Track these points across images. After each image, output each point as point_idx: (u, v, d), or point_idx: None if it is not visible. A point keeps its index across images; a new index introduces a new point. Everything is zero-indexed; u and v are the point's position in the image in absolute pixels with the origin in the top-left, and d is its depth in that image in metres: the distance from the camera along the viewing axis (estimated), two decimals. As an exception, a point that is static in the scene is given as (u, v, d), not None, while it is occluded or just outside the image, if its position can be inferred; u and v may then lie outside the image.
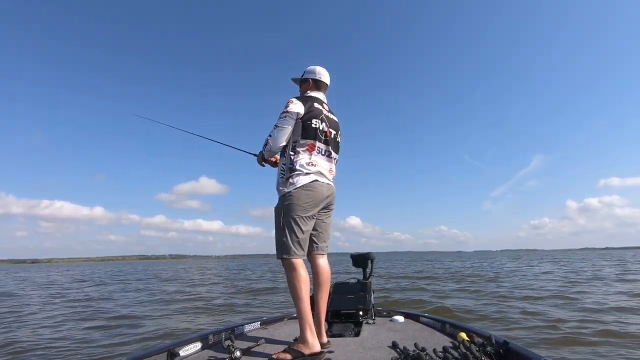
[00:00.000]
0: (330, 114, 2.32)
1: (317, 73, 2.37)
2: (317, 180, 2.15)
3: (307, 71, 2.40)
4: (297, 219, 2.09)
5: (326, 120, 2.24)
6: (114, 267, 56.72)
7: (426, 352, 1.79)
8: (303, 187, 2.10)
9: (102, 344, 4.68)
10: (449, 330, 2.38)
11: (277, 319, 3.04)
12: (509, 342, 1.79)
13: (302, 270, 2.07)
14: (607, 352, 3.76)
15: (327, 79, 2.39)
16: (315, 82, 2.36)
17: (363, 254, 3.18)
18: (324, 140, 2.21)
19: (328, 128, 2.24)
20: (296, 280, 2.03)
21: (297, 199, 2.08)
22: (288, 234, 2.08)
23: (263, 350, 2.14)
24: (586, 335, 4.39)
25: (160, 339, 4.89)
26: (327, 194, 2.21)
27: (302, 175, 2.11)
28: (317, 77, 2.36)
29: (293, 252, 2.06)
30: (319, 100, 2.29)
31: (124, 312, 7.15)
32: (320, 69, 2.38)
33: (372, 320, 2.81)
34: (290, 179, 2.11)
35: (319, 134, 2.18)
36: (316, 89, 2.36)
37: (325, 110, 2.27)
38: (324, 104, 2.32)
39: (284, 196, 2.12)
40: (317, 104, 2.23)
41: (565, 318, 5.33)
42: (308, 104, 2.19)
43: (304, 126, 2.15)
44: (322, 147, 2.21)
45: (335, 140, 2.30)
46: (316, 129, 2.17)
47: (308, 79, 2.37)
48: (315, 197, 2.13)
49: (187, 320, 6.29)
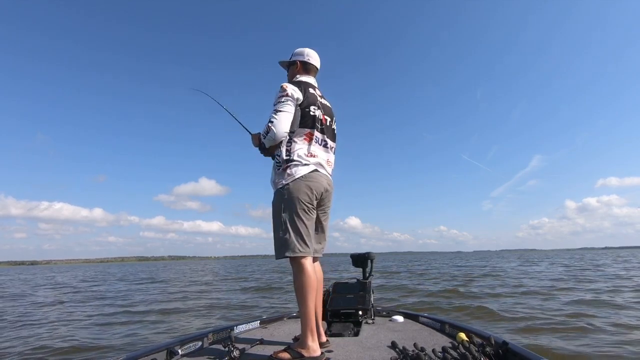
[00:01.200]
0: (324, 100, 2.18)
1: (306, 55, 2.21)
2: (317, 170, 2.02)
3: (295, 53, 2.25)
4: (300, 213, 1.93)
5: (321, 107, 2.10)
6: (114, 268, 56.65)
7: (425, 352, 1.79)
8: (302, 177, 1.95)
9: (102, 343, 4.68)
10: (448, 330, 2.38)
11: (276, 318, 3.04)
12: (508, 342, 1.78)
13: (312, 272, 1.93)
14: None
15: (316, 61, 2.24)
16: (304, 65, 2.21)
17: (363, 254, 3.19)
18: (320, 129, 2.08)
19: (323, 115, 2.10)
20: (305, 284, 1.89)
21: (296, 191, 1.93)
22: (291, 230, 1.92)
23: (262, 349, 2.14)
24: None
25: (159, 337, 4.89)
26: (326, 186, 2.07)
27: (300, 166, 1.97)
28: (305, 59, 2.21)
29: (298, 250, 1.90)
30: (312, 85, 2.15)
31: (123, 312, 7.15)
32: (309, 51, 2.22)
33: (372, 320, 2.80)
34: (288, 170, 1.96)
35: (317, 122, 2.05)
36: (305, 72, 2.21)
37: (319, 96, 2.13)
38: (317, 89, 2.18)
39: (282, 189, 1.96)
40: (312, 89, 2.10)
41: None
42: (303, 89, 2.04)
43: (302, 114, 2.01)
44: (319, 136, 2.07)
45: (331, 128, 2.17)
46: (314, 116, 2.04)
47: (296, 62, 2.21)
48: (316, 188, 1.99)
49: (186, 319, 6.28)
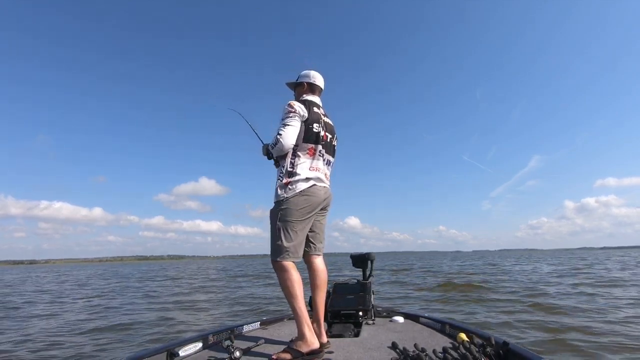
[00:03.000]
0: (327, 118, 2.35)
1: (312, 77, 2.40)
2: (316, 184, 2.18)
3: (301, 75, 2.43)
4: (294, 224, 2.11)
5: (323, 125, 2.26)
6: (114, 268, 56.73)
7: (426, 353, 1.79)
8: (301, 192, 2.12)
9: (99, 344, 4.68)
10: (449, 331, 2.38)
11: (276, 319, 3.04)
12: (509, 342, 1.78)
13: (294, 271, 2.09)
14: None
15: (321, 82, 2.43)
16: (310, 86, 2.39)
17: (363, 254, 3.18)
18: (322, 145, 2.24)
19: (325, 132, 2.27)
20: (288, 281, 2.06)
21: (294, 205, 2.10)
22: (283, 238, 2.09)
23: (263, 350, 2.15)
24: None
25: (159, 339, 4.89)
26: (325, 197, 2.23)
27: (301, 182, 2.13)
28: (311, 80, 2.39)
29: (287, 256, 2.08)
30: (316, 104, 2.33)
31: (123, 312, 7.14)
32: (315, 73, 2.41)
33: (372, 321, 2.81)
34: (290, 185, 2.13)
35: (319, 138, 2.21)
36: (311, 92, 2.39)
37: (322, 115, 2.30)
38: (321, 108, 2.35)
39: (282, 201, 2.13)
40: (316, 108, 2.27)
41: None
42: (308, 107, 2.21)
43: (306, 129, 2.17)
44: (321, 151, 2.24)
45: (331, 144, 2.34)
46: (317, 133, 2.20)
47: (303, 83, 2.40)
48: (313, 202, 2.16)
49: (187, 320, 6.29)
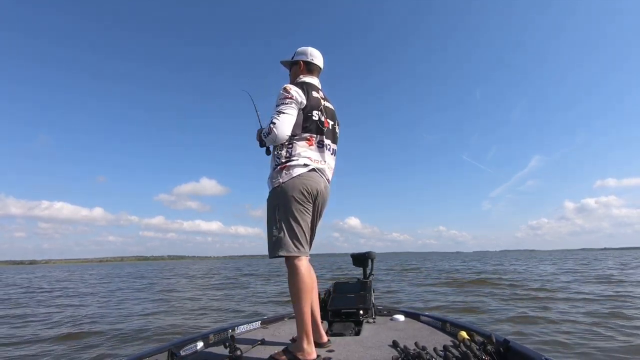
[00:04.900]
0: (327, 102, 2.11)
1: (309, 54, 2.13)
2: (315, 171, 1.96)
3: (297, 52, 2.16)
4: (295, 212, 1.87)
5: (324, 110, 2.03)
6: (113, 268, 56.76)
7: (426, 351, 1.78)
8: (299, 176, 1.89)
9: (99, 343, 4.68)
10: (450, 329, 2.38)
11: (277, 318, 3.03)
12: (510, 340, 1.78)
13: (307, 275, 1.86)
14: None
15: (320, 61, 2.16)
16: (307, 65, 2.12)
17: (363, 254, 3.19)
18: (322, 133, 2.01)
19: (326, 119, 2.04)
20: (300, 286, 1.83)
21: (292, 189, 1.87)
22: (285, 229, 1.86)
23: (263, 349, 2.14)
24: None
25: (160, 338, 4.89)
26: (323, 187, 2.00)
27: (298, 167, 1.91)
28: (309, 59, 2.12)
29: (292, 249, 1.84)
30: (315, 86, 2.07)
31: (122, 312, 7.15)
32: (313, 50, 2.14)
33: (373, 319, 2.80)
34: (286, 170, 1.90)
35: (319, 127, 1.99)
36: (308, 72, 2.12)
37: (322, 98, 2.06)
38: (320, 91, 2.09)
39: (279, 187, 1.90)
40: (315, 92, 2.02)
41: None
42: (306, 92, 1.96)
43: (304, 118, 1.94)
44: (321, 140, 2.00)
45: (333, 131, 2.10)
46: (317, 121, 1.97)
47: (299, 62, 2.13)
48: (312, 187, 1.92)
49: (188, 319, 6.29)
